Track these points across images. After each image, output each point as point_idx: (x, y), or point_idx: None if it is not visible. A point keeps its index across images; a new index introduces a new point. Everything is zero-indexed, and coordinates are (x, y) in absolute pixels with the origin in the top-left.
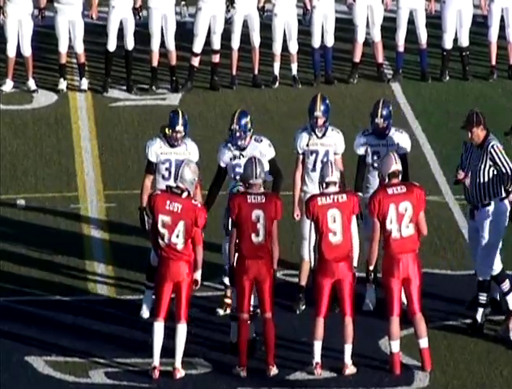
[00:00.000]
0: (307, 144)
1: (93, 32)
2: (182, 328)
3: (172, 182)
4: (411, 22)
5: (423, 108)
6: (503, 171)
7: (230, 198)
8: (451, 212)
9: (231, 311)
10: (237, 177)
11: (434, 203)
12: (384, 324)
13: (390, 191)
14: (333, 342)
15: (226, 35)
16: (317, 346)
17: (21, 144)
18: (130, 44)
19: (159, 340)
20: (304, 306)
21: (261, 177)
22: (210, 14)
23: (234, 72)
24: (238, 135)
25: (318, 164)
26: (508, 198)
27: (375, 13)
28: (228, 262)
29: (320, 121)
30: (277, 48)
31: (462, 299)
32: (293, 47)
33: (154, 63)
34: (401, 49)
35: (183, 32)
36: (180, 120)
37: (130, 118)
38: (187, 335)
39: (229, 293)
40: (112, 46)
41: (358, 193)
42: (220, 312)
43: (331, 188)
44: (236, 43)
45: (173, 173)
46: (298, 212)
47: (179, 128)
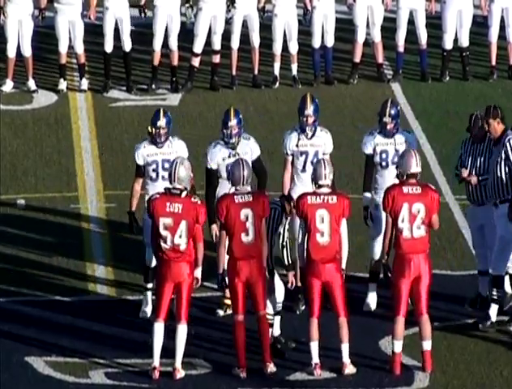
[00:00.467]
0: (296, 145)
1: (93, 33)
2: (182, 329)
3: (160, 183)
4: (411, 22)
5: (423, 108)
6: None
7: (217, 200)
8: (451, 212)
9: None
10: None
11: None
12: (384, 324)
13: (406, 190)
14: (332, 342)
15: (226, 35)
16: (313, 346)
17: (21, 144)
18: (128, 45)
19: (159, 341)
20: (304, 307)
21: (248, 183)
22: (210, 14)
23: (234, 72)
24: (235, 132)
25: (308, 165)
26: None
27: (375, 13)
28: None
29: (310, 119)
30: (277, 48)
31: (462, 299)
32: (293, 47)
33: (155, 62)
34: (401, 50)
35: (184, 33)
36: (161, 116)
37: (130, 118)
38: (187, 335)
39: (229, 294)
40: (109, 47)
41: (366, 193)
42: (220, 313)
43: (323, 189)
44: (235, 43)
45: (161, 175)
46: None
47: (160, 123)
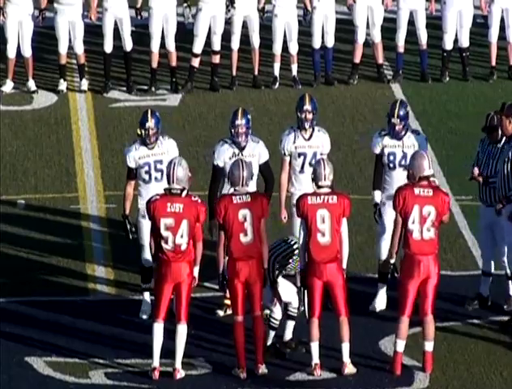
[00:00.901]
0: (295, 147)
1: (93, 33)
2: (182, 329)
3: (154, 185)
4: (410, 23)
5: (423, 108)
6: None
7: (216, 200)
8: (451, 213)
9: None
10: None
11: None
12: (384, 325)
13: (417, 191)
14: (332, 342)
15: (226, 36)
16: (314, 347)
17: (21, 145)
18: (129, 45)
19: (158, 341)
20: (303, 308)
21: (247, 185)
22: (210, 14)
23: (234, 73)
24: (243, 131)
25: (307, 166)
26: None
27: (375, 14)
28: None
29: (309, 115)
30: (277, 49)
31: (462, 299)
32: (293, 48)
33: (154, 64)
34: (401, 50)
35: (183, 33)
36: (149, 117)
37: (130, 119)
38: (187, 335)
39: (228, 294)
40: (108, 48)
41: (375, 191)
42: (220, 313)
43: (324, 189)
44: (235, 44)
45: (153, 176)
46: (285, 214)
47: (149, 125)
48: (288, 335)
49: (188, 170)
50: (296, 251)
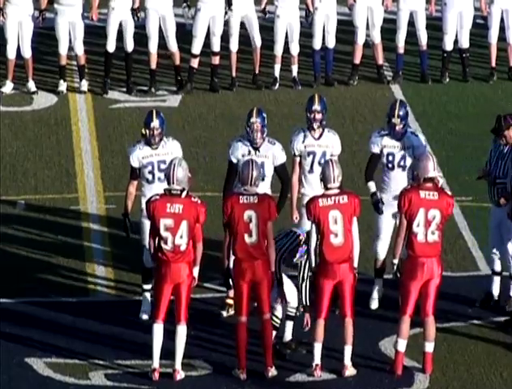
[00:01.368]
0: (304, 146)
1: (93, 34)
2: (182, 330)
3: (157, 185)
4: (410, 23)
5: (423, 109)
6: None
7: (224, 199)
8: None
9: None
10: None
11: None
12: (384, 325)
13: (423, 194)
14: (333, 344)
15: (226, 36)
16: (317, 348)
17: (21, 146)
18: (130, 46)
19: (158, 342)
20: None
21: (256, 185)
22: (209, 15)
23: (234, 74)
24: (258, 128)
25: (316, 165)
26: None
27: (375, 14)
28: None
29: (318, 115)
30: (278, 50)
31: (462, 300)
32: (295, 49)
33: (152, 66)
34: (401, 51)
35: (182, 34)
36: (154, 117)
37: (130, 120)
38: (187, 336)
39: (231, 294)
40: (111, 47)
41: (369, 182)
42: (224, 314)
43: (333, 190)
44: (234, 45)
45: (157, 176)
46: (297, 214)
47: (154, 125)
48: (288, 335)
49: (188, 171)
50: (299, 243)
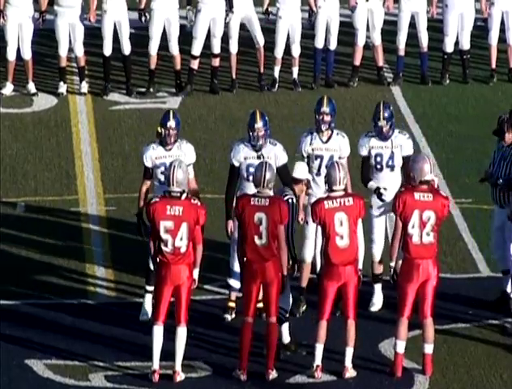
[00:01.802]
0: (312, 149)
1: (93, 36)
2: (182, 331)
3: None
4: (411, 25)
5: (423, 111)
6: None
7: (236, 198)
8: (451, 216)
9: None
10: (250, 178)
11: None
12: (384, 327)
13: (417, 196)
14: (333, 345)
15: (226, 38)
16: (318, 349)
17: (21, 147)
18: (127, 48)
19: (158, 344)
20: (304, 307)
21: (268, 187)
22: (209, 16)
23: (234, 76)
24: (262, 134)
25: (323, 168)
26: None
27: (375, 16)
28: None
29: (327, 117)
30: (279, 52)
31: (462, 302)
32: (296, 50)
33: (152, 67)
34: (402, 53)
35: (183, 35)
36: (171, 117)
37: (130, 122)
38: (187, 338)
39: (233, 297)
40: (108, 51)
41: (369, 183)
42: (228, 317)
43: (338, 192)
44: (234, 47)
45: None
46: (302, 216)
47: (170, 124)
48: (286, 337)
49: (188, 173)
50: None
